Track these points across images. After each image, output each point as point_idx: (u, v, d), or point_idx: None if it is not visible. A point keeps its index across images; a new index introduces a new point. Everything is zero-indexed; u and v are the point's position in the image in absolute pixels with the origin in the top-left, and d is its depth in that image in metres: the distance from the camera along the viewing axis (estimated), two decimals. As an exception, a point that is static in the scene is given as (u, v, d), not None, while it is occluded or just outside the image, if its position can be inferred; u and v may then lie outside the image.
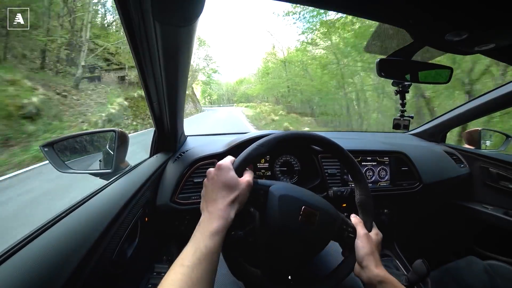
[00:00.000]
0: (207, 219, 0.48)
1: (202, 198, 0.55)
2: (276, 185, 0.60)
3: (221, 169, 0.54)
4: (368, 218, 0.66)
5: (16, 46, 10.06)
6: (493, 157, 1.41)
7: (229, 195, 0.51)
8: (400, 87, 0.87)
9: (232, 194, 0.51)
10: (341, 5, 0.45)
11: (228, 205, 0.50)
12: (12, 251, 0.45)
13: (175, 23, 0.49)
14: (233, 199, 0.50)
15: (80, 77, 11.97)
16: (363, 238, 0.61)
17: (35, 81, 9.06)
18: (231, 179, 0.53)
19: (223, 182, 0.52)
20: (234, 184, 0.52)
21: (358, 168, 0.68)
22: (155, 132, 1.14)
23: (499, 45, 0.50)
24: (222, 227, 0.47)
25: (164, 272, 0.42)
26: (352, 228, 0.63)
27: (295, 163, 1.23)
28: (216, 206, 0.49)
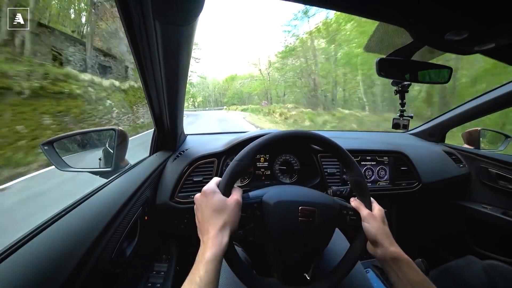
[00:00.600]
0: (201, 249, 0.48)
1: (197, 227, 0.54)
2: (268, 194, 0.59)
3: (207, 195, 0.53)
4: (366, 198, 0.66)
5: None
6: (492, 157, 1.41)
7: (219, 220, 0.50)
8: (399, 87, 0.87)
9: (221, 218, 0.50)
10: (342, 4, 0.46)
11: (219, 231, 0.48)
12: (12, 249, 0.45)
13: (175, 22, 0.49)
14: (223, 224, 0.49)
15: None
16: (368, 219, 0.61)
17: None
18: (218, 203, 0.51)
19: (211, 208, 0.51)
20: (222, 208, 0.51)
21: (345, 153, 0.67)
22: (155, 131, 1.14)
23: (499, 45, 0.50)
24: (215, 255, 0.46)
25: (164, 271, 0.42)
26: (353, 211, 0.63)
27: (295, 162, 1.23)
28: (208, 235, 0.48)
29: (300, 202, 0.58)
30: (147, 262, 1.04)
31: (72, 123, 7.87)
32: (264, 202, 0.58)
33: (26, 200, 3.97)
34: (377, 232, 0.59)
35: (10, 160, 5.39)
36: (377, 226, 0.60)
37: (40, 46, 8.99)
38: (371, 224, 0.60)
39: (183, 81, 0.78)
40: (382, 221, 0.62)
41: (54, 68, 8.67)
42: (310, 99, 20.67)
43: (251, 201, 0.58)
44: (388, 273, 0.58)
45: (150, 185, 0.96)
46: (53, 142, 0.93)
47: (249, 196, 0.59)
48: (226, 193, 0.54)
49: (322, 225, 0.58)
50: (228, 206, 0.52)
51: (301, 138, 0.66)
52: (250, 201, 0.58)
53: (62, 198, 3.67)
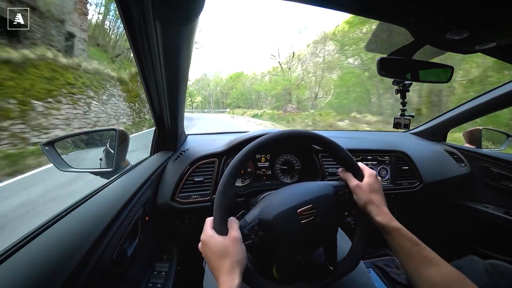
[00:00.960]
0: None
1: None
2: (263, 210, 0.58)
3: (206, 243, 0.53)
4: (354, 168, 0.65)
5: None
6: (494, 156, 1.41)
7: (225, 265, 0.49)
8: (400, 86, 0.86)
9: (226, 262, 0.49)
10: (344, 4, 0.45)
11: (228, 276, 0.48)
12: (13, 249, 0.45)
13: (175, 22, 0.49)
14: (229, 267, 0.49)
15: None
16: (355, 190, 0.61)
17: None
18: (219, 248, 0.51)
19: (214, 255, 0.51)
20: (224, 251, 0.50)
21: (330, 140, 0.66)
22: (155, 131, 1.14)
23: (500, 44, 0.50)
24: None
25: (165, 271, 0.42)
26: (346, 187, 0.63)
27: (296, 162, 1.23)
28: (220, 280, 0.49)
29: (297, 205, 0.57)
30: (148, 262, 1.04)
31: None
32: (262, 220, 0.56)
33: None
34: (365, 203, 0.60)
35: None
36: (363, 196, 0.60)
37: None
38: (358, 196, 0.61)
39: (183, 81, 0.78)
40: (370, 190, 0.61)
41: None
42: (369, 105, 14.71)
43: (250, 226, 0.56)
44: (387, 241, 0.58)
45: (151, 185, 0.96)
46: (53, 143, 0.94)
47: (246, 221, 0.58)
48: (222, 232, 0.53)
49: (324, 217, 0.58)
50: (229, 247, 0.51)
51: (282, 140, 0.63)
52: (249, 226, 0.56)
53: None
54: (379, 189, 0.63)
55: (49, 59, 7.74)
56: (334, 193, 0.61)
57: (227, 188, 0.55)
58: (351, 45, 16.33)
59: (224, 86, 64.48)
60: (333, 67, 20.88)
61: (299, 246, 0.57)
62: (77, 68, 9.03)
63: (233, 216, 0.58)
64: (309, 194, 0.59)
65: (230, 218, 0.56)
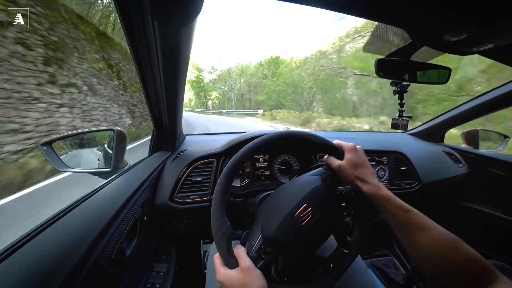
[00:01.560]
0: None
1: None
2: (263, 226, 0.57)
3: (223, 283, 0.51)
4: (332, 150, 0.65)
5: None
6: (492, 156, 1.42)
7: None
8: (398, 87, 0.87)
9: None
10: (341, 5, 0.46)
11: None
12: (12, 249, 0.45)
13: (173, 23, 0.49)
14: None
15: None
16: (338, 170, 0.61)
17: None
18: (236, 284, 0.49)
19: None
20: (242, 284, 0.48)
21: (301, 133, 0.65)
22: (153, 131, 1.14)
23: (497, 46, 0.50)
24: None
25: (163, 272, 0.42)
26: (328, 170, 0.64)
27: (294, 163, 1.23)
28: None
29: (292, 209, 0.56)
30: (146, 262, 1.03)
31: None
32: (266, 238, 0.56)
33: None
34: (351, 180, 0.60)
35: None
36: (348, 174, 0.60)
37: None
38: (344, 175, 0.61)
39: (182, 81, 0.78)
40: (352, 166, 0.61)
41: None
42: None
43: (257, 247, 0.55)
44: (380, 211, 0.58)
45: (149, 185, 0.96)
46: (51, 143, 0.93)
47: (251, 244, 0.57)
48: (233, 265, 0.51)
49: (322, 209, 0.57)
50: (246, 278, 0.49)
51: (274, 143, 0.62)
52: (256, 248, 0.55)
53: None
54: (362, 161, 0.62)
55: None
56: (322, 181, 0.61)
57: (221, 220, 0.53)
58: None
59: (253, 75, 41.83)
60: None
61: (310, 246, 0.57)
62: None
63: (233, 228, 0.57)
64: (300, 193, 0.58)
65: (236, 247, 0.54)
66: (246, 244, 0.58)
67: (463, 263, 0.45)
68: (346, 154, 0.63)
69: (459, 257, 0.46)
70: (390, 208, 0.54)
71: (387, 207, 0.55)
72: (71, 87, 6.50)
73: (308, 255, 0.57)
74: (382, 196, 0.56)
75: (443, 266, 0.47)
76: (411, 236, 0.51)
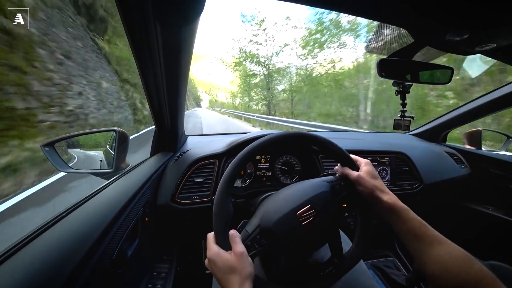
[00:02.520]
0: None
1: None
2: (262, 217, 0.58)
3: (213, 260, 0.52)
4: (348, 161, 0.65)
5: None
6: (494, 157, 1.41)
7: (234, 281, 0.49)
8: (400, 87, 0.86)
9: (235, 277, 0.49)
10: (344, 5, 0.45)
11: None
12: (13, 250, 0.45)
13: (175, 23, 0.49)
14: (240, 282, 0.49)
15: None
16: (358, 181, 0.61)
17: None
18: (227, 264, 0.51)
19: (223, 271, 0.51)
20: (232, 267, 0.50)
21: (320, 137, 0.65)
22: (155, 132, 1.14)
23: (500, 45, 0.50)
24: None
25: (164, 272, 0.42)
26: (342, 179, 0.64)
27: (296, 163, 1.23)
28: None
29: (295, 208, 0.56)
30: (148, 263, 1.04)
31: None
32: (263, 229, 0.56)
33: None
34: (371, 190, 0.60)
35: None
36: (368, 184, 0.60)
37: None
38: (362, 185, 0.61)
39: (184, 82, 0.78)
40: (371, 177, 0.62)
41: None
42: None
43: (252, 236, 0.56)
44: (392, 225, 0.58)
45: (151, 186, 0.96)
46: (53, 143, 0.94)
47: (248, 231, 0.58)
48: (226, 247, 0.53)
49: (324, 214, 0.58)
50: (237, 263, 0.50)
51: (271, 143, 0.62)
52: (252, 237, 0.56)
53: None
54: (377, 174, 0.64)
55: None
56: (330, 188, 0.61)
57: (224, 201, 0.55)
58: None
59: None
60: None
61: (304, 248, 0.57)
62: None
63: (234, 227, 0.58)
64: (306, 194, 0.59)
65: (231, 232, 0.55)
66: (243, 232, 0.58)
67: (477, 278, 0.47)
68: (364, 166, 0.64)
69: (473, 273, 0.48)
70: (407, 220, 0.55)
71: (405, 218, 0.55)
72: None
73: (300, 256, 0.57)
74: (401, 207, 0.56)
75: (458, 281, 0.48)
76: (427, 249, 0.52)
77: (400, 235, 0.57)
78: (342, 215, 0.62)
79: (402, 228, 0.56)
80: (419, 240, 0.53)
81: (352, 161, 0.65)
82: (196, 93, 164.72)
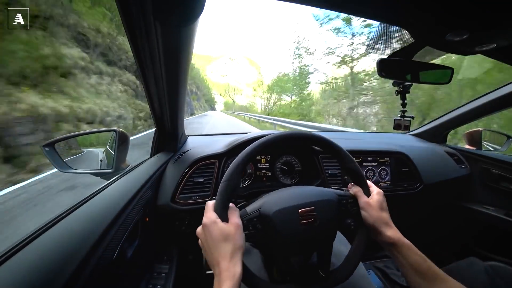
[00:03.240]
0: (216, 282, 0.47)
1: (208, 262, 0.53)
2: (265, 204, 0.58)
3: (208, 227, 0.52)
4: (362, 183, 0.65)
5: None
6: (494, 157, 1.41)
7: (226, 251, 0.49)
8: (401, 87, 0.86)
9: (228, 248, 0.49)
10: (344, 5, 0.46)
11: (230, 262, 0.48)
12: (13, 251, 0.45)
13: (175, 24, 0.50)
14: (231, 253, 0.49)
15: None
16: (365, 207, 0.61)
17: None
18: (221, 233, 0.51)
19: (215, 239, 0.50)
20: (226, 236, 0.50)
21: (332, 142, 0.66)
22: (155, 132, 1.14)
23: (500, 46, 0.50)
24: (234, 285, 0.46)
25: (165, 273, 0.42)
26: (352, 198, 0.64)
27: (296, 163, 1.23)
28: (219, 267, 0.48)
29: (299, 205, 0.57)
30: (148, 263, 1.03)
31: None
32: (262, 214, 0.57)
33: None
34: (375, 220, 0.60)
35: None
36: (374, 214, 0.60)
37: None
38: (368, 213, 0.61)
39: (184, 82, 0.78)
40: (380, 207, 0.62)
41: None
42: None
43: (250, 217, 0.57)
44: (393, 258, 0.59)
45: (151, 186, 0.96)
46: (54, 144, 0.94)
47: (247, 212, 0.59)
48: (224, 218, 0.53)
49: (324, 221, 0.58)
50: (232, 233, 0.51)
51: (287, 139, 0.64)
52: (249, 217, 0.57)
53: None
54: (386, 207, 0.64)
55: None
56: (337, 201, 0.62)
57: (235, 174, 0.56)
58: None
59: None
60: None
61: (294, 246, 0.57)
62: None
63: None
64: (313, 197, 0.60)
65: (231, 206, 0.56)
66: (242, 210, 0.59)
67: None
68: (375, 195, 0.64)
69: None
70: (411, 255, 0.56)
71: (408, 254, 0.56)
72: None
73: (285, 252, 0.57)
74: (404, 243, 0.57)
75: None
76: (429, 285, 0.52)
77: (402, 268, 0.57)
78: (341, 224, 0.62)
79: (403, 262, 0.56)
80: (421, 276, 0.54)
81: (366, 184, 0.66)
82: (210, 94, 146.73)
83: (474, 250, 1.46)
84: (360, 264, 0.80)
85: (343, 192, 0.65)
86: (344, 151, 0.66)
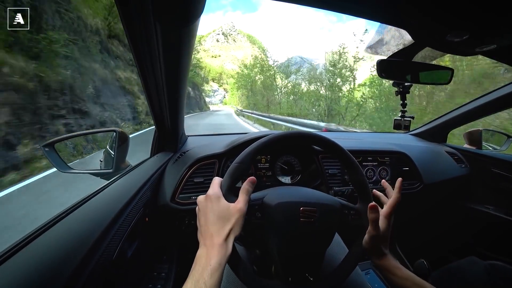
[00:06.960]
0: (205, 255, 0.47)
1: (198, 229, 0.52)
2: (268, 195, 0.59)
3: (212, 200, 0.51)
4: (364, 194, 0.66)
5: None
6: (495, 157, 1.41)
7: (224, 229, 0.48)
8: (400, 88, 0.86)
9: (226, 227, 0.49)
10: (343, 6, 0.45)
11: (225, 241, 0.48)
12: (13, 251, 0.45)
13: (175, 24, 0.49)
14: (228, 233, 0.48)
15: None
16: (374, 223, 0.61)
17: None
18: (223, 210, 0.50)
19: (216, 214, 0.50)
20: (227, 215, 0.50)
21: (347, 153, 0.67)
22: (155, 132, 1.14)
23: (500, 46, 0.50)
24: (220, 263, 0.45)
25: (164, 273, 0.42)
26: (355, 210, 0.64)
27: (296, 163, 1.23)
28: (212, 241, 0.47)
29: (302, 203, 0.57)
30: (147, 263, 1.04)
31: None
32: (265, 203, 0.57)
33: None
34: (370, 246, 0.62)
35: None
36: (373, 243, 0.62)
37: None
38: (367, 238, 0.62)
39: (183, 82, 0.78)
40: (382, 239, 0.63)
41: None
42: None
43: (252, 203, 0.57)
44: (383, 276, 0.63)
45: (151, 186, 0.96)
46: (54, 144, 0.94)
47: (251, 198, 0.59)
48: (229, 198, 0.53)
49: (323, 225, 0.58)
50: (234, 215, 0.50)
51: (302, 139, 0.66)
52: (251, 203, 0.57)
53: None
54: (387, 235, 0.65)
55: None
56: (340, 209, 0.62)
57: (248, 159, 0.57)
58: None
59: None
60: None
61: (288, 242, 0.57)
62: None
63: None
64: (317, 199, 0.60)
65: (246, 188, 0.55)
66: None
67: None
68: (383, 224, 0.65)
69: None
70: (398, 279, 0.59)
71: (397, 275, 0.59)
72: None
73: (277, 246, 0.58)
74: (390, 265, 0.61)
75: None
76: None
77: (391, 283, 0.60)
78: (330, 241, 0.63)
79: (397, 282, 0.60)
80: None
81: (368, 195, 0.66)
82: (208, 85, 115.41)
83: (475, 249, 1.46)
84: (356, 269, 0.80)
85: (347, 204, 0.65)
86: (355, 162, 0.67)
